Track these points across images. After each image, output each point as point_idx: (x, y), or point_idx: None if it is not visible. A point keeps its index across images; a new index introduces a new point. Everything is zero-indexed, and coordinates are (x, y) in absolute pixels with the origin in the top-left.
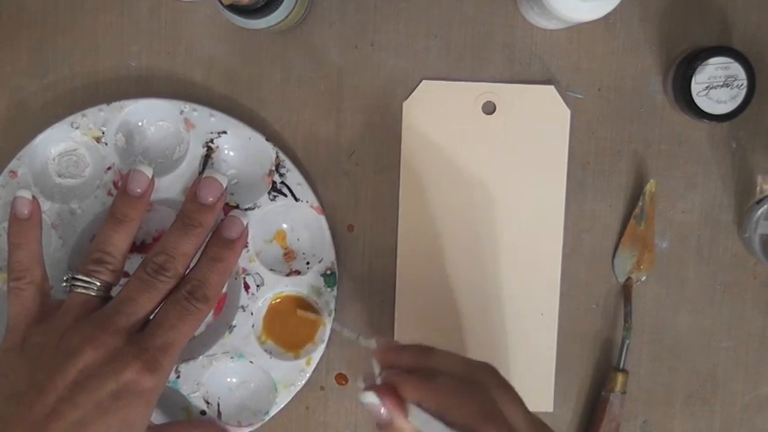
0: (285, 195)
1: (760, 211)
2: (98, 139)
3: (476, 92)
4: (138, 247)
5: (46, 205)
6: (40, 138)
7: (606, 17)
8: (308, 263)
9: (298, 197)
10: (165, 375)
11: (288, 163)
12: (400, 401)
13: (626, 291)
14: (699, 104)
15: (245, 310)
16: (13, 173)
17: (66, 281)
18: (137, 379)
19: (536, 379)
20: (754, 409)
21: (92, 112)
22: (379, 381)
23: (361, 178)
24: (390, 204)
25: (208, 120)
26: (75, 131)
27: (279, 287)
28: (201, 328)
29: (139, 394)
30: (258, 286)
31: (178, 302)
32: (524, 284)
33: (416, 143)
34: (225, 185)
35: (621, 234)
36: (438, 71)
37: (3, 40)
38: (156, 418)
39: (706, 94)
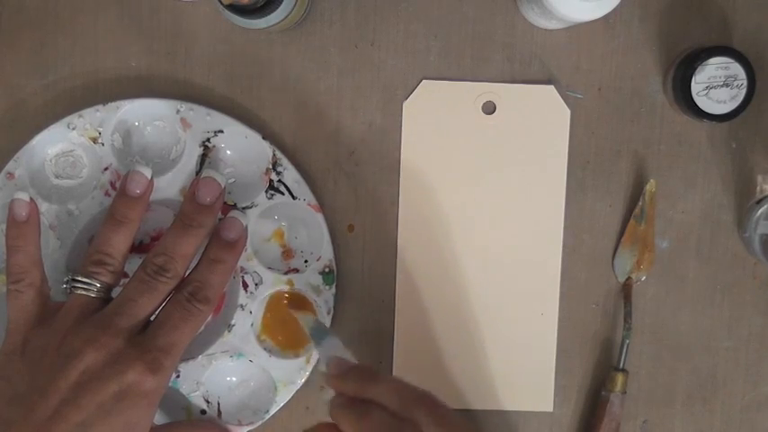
0: (282, 194)
1: (760, 211)
2: (95, 140)
3: (476, 92)
4: (136, 247)
5: (43, 206)
6: (36, 139)
7: (606, 17)
8: (306, 261)
9: (295, 195)
10: (168, 376)
11: (285, 161)
12: None
13: (626, 291)
14: (699, 104)
15: (243, 309)
16: (11, 174)
17: (66, 282)
18: (139, 380)
19: (536, 379)
20: (754, 409)
21: (88, 113)
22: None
23: (361, 178)
24: (390, 204)
25: (204, 119)
26: (72, 132)
27: (277, 285)
28: (201, 327)
29: (142, 395)
30: (257, 285)
31: (179, 304)
32: (524, 284)
33: (416, 143)
34: (224, 185)
35: (621, 234)
36: (438, 71)
37: (3, 40)
38: (157, 418)
39: (706, 94)
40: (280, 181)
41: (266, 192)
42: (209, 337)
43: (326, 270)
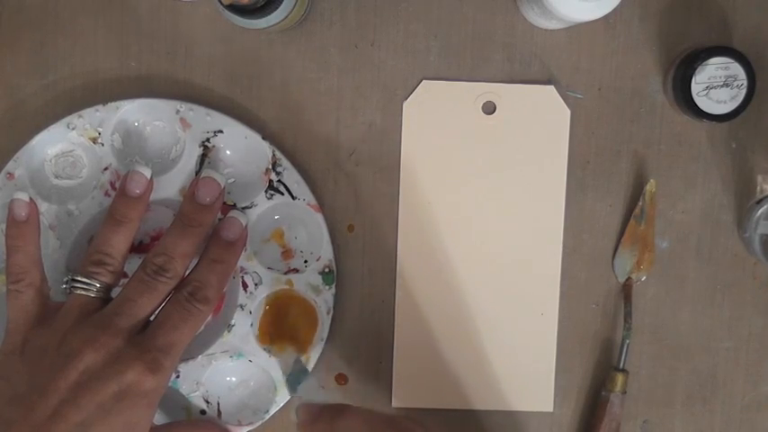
0: (282, 194)
1: (760, 211)
2: (94, 140)
3: (476, 92)
4: (135, 247)
5: (43, 206)
6: (36, 139)
7: (606, 17)
8: (305, 261)
9: (295, 195)
10: (167, 376)
11: (284, 161)
12: None
13: (626, 291)
14: (699, 104)
15: (243, 309)
16: (10, 174)
17: (66, 282)
18: (139, 380)
19: (536, 379)
20: (754, 409)
21: (88, 113)
22: None
23: (361, 178)
24: (390, 204)
25: (204, 119)
26: (72, 132)
27: (277, 286)
28: (200, 327)
29: (142, 395)
30: (256, 285)
31: (179, 304)
32: (524, 284)
33: (416, 143)
34: (223, 185)
35: (621, 234)
36: (438, 71)
37: (3, 40)
38: (157, 418)
39: (706, 94)
40: (279, 181)
41: (266, 192)
42: (208, 337)
43: (326, 270)
